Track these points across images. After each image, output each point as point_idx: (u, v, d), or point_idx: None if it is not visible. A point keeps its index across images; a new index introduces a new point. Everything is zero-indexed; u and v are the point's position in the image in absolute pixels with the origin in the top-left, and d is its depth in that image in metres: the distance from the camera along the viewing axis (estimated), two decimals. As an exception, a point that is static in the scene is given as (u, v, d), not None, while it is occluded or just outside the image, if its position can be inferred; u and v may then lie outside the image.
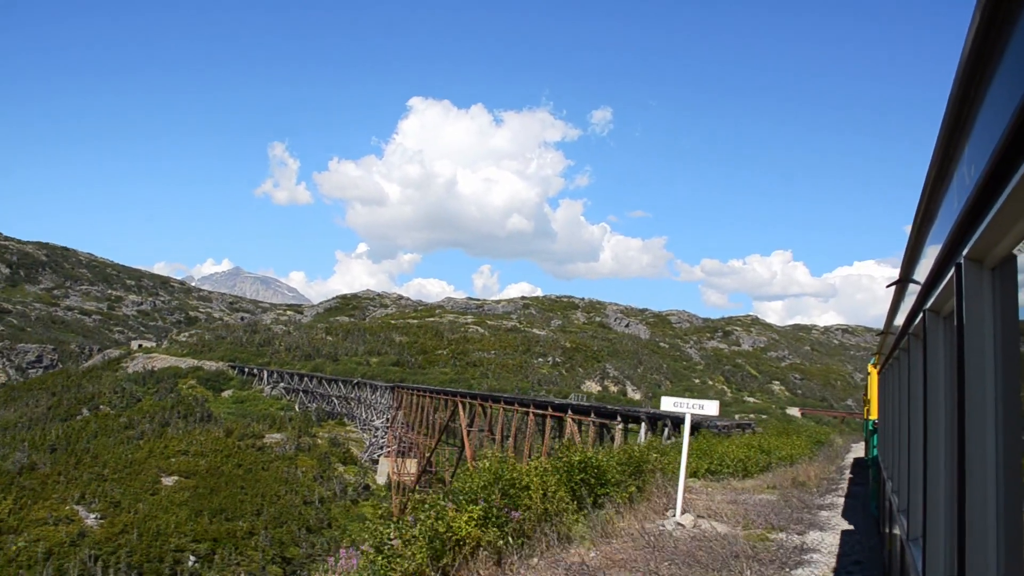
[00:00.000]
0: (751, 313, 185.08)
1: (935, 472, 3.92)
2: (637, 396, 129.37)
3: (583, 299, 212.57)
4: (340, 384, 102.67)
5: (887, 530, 8.84)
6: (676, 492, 12.06)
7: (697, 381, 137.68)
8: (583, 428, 41.37)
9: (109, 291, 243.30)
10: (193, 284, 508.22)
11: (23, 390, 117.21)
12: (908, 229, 4.64)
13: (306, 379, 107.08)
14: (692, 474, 18.99)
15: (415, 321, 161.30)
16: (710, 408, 12.45)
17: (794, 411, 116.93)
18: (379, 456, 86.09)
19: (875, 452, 14.90)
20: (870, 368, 16.86)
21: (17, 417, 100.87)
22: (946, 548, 3.56)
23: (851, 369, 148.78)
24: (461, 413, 60.79)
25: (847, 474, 23.50)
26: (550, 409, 46.19)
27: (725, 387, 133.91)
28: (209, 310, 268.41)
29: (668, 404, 12.75)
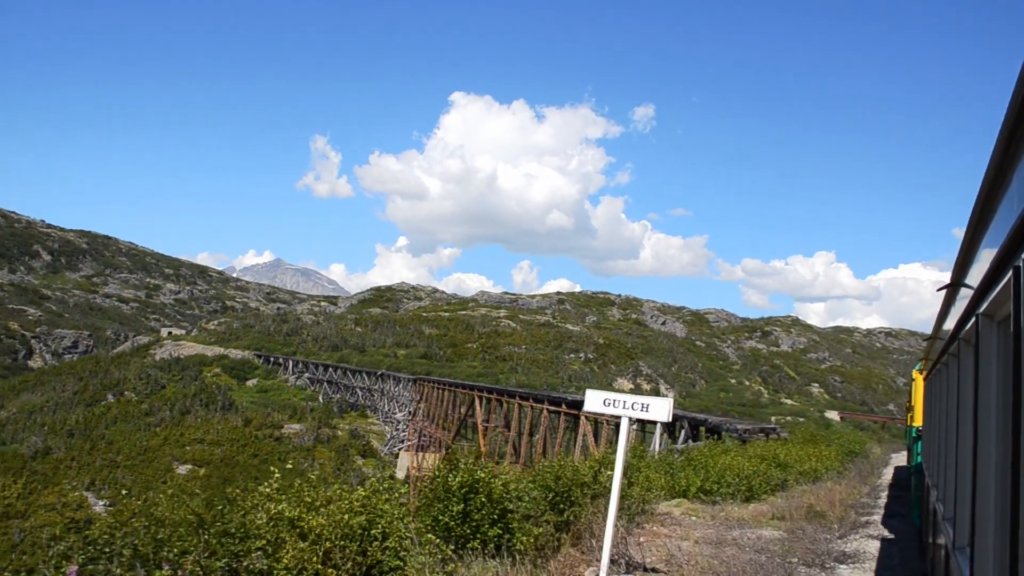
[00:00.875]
0: (792, 314, 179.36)
1: (985, 480, 3.82)
2: (670, 395, 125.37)
3: (619, 295, 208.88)
4: (364, 375, 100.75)
5: (931, 539, 8.79)
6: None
7: (733, 381, 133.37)
8: (599, 428, 38.31)
9: (147, 279, 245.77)
10: (234, 275, 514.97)
11: (52, 375, 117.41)
12: (958, 232, 4.74)
13: (331, 369, 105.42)
14: (681, 494, 15.42)
15: (447, 314, 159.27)
16: (658, 410, 8.18)
17: (833, 415, 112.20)
18: (399, 450, 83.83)
19: (918, 459, 14.26)
20: (914, 374, 16.38)
21: (43, 401, 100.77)
22: (996, 556, 3.48)
23: (894, 373, 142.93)
24: (478, 408, 58.10)
25: (883, 498, 18.51)
26: (563, 406, 43.10)
27: (762, 388, 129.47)
28: (246, 300, 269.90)
29: (594, 402, 8.58)
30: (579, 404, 41.41)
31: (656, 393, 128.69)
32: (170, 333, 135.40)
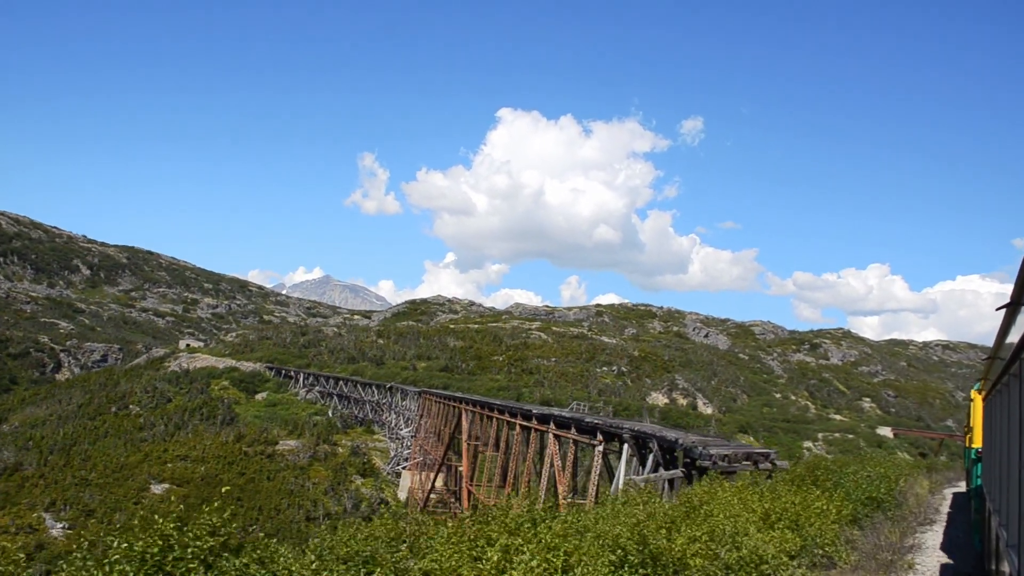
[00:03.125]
0: (843, 327, 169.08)
1: None
2: (709, 411, 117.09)
3: (661, 308, 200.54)
4: (374, 388, 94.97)
5: (993, 566, 8.68)
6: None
7: (778, 395, 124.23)
8: (562, 446, 31.32)
9: (186, 294, 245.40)
10: (283, 291, 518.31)
11: (65, 387, 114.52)
12: (1020, 243, 2.55)
13: (341, 383, 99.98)
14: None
15: (476, 326, 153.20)
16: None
17: (885, 431, 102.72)
18: (402, 468, 77.60)
19: (978, 482, 13.70)
20: (973, 394, 15.85)
21: (46, 414, 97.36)
22: None
23: (952, 387, 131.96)
24: (464, 423, 51.50)
25: None
26: (534, 421, 36.16)
27: (809, 403, 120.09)
28: (285, 314, 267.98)
29: None
30: (546, 419, 34.56)
31: (694, 408, 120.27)
32: (188, 345, 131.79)
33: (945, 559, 13.16)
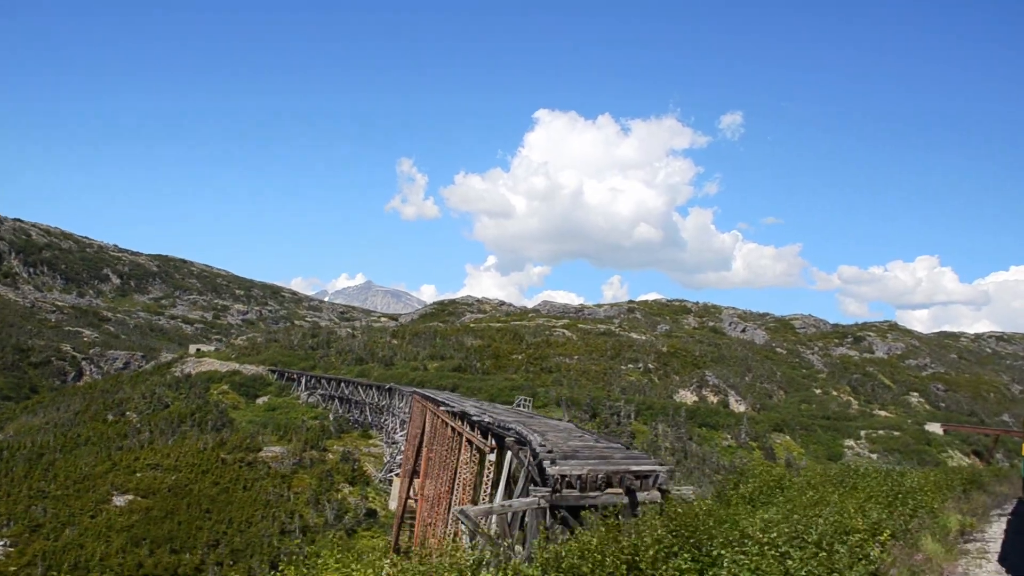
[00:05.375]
0: (890, 320, 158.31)
1: None
2: (741, 408, 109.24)
3: (696, 303, 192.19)
4: (374, 390, 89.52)
5: None
6: None
7: (818, 391, 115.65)
8: (472, 451, 25.15)
9: (216, 300, 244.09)
10: (326, 298, 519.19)
11: (69, 394, 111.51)
12: None
13: (342, 385, 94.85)
14: None
15: (498, 325, 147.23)
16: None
17: (935, 427, 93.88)
18: (394, 475, 71.86)
19: None
20: None
21: (42, 423, 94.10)
22: None
23: (1007, 380, 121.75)
24: (427, 424, 45.51)
25: None
26: (459, 420, 29.75)
27: (851, 398, 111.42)
28: (317, 319, 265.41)
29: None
30: (463, 417, 28.29)
31: (725, 406, 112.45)
32: (198, 350, 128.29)
33: None
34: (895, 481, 17.38)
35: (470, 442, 25.66)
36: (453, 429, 30.72)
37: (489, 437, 22.32)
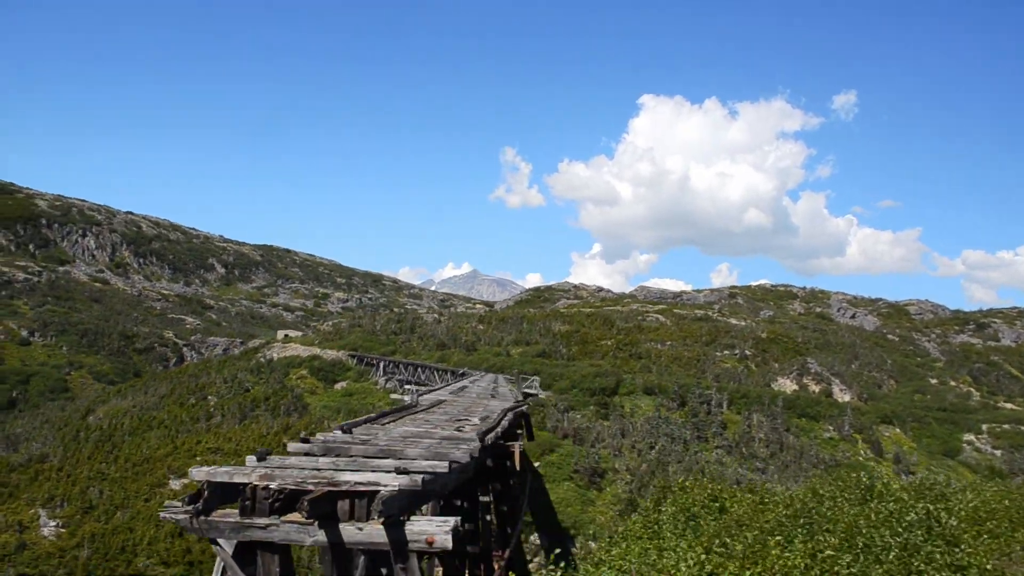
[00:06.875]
0: (1020, 307, 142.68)
1: None
2: (846, 398, 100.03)
3: (803, 288, 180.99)
4: (449, 375, 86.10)
5: None
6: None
7: (934, 381, 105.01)
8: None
9: (317, 288, 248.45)
10: (433, 287, 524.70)
11: (160, 378, 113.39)
12: None
13: (419, 369, 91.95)
14: None
15: (588, 310, 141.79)
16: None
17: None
18: (462, 464, 68.14)
19: None
20: None
21: (129, 405, 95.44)
22: None
23: None
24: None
25: None
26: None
27: (972, 389, 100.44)
28: (416, 306, 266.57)
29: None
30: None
31: (828, 395, 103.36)
32: (285, 335, 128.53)
33: None
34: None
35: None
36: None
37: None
